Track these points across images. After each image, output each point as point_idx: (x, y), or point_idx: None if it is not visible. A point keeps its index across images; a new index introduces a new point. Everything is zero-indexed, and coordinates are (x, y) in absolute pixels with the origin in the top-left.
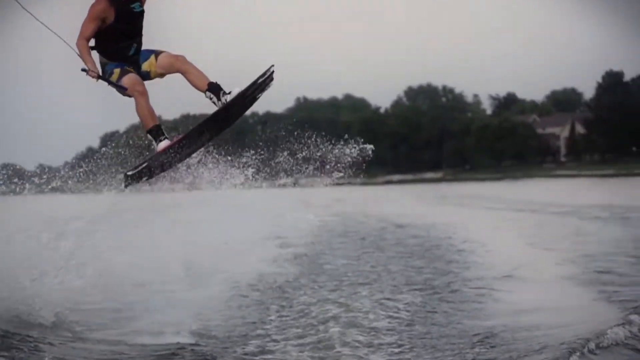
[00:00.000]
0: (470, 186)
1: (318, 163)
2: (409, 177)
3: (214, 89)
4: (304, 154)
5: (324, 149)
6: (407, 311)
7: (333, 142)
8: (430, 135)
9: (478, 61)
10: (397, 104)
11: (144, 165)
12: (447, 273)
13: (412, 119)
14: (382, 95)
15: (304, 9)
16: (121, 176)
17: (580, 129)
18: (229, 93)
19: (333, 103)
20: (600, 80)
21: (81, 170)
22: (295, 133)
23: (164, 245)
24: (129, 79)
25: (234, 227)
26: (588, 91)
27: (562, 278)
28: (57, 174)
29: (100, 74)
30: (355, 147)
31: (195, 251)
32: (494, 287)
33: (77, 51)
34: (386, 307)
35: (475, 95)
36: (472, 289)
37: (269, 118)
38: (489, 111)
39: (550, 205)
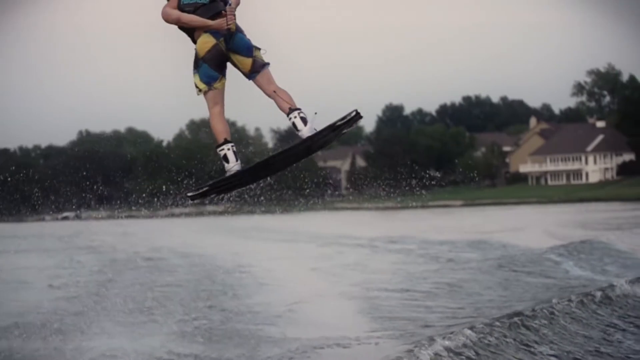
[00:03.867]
0: (252, 219)
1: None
2: (191, 210)
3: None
4: (89, 188)
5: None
6: None
7: (118, 175)
8: (213, 169)
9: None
10: (179, 137)
11: (205, 189)
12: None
13: (194, 152)
14: (164, 128)
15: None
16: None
17: (361, 162)
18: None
19: (116, 136)
20: (380, 113)
21: None
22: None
23: None
24: (211, 96)
25: None
26: (369, 125)
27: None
28: None
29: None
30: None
31: None
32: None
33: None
34: None
35: (257, 129)
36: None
37: (51, 151)
38: (270, 144)
39: (331, 236)
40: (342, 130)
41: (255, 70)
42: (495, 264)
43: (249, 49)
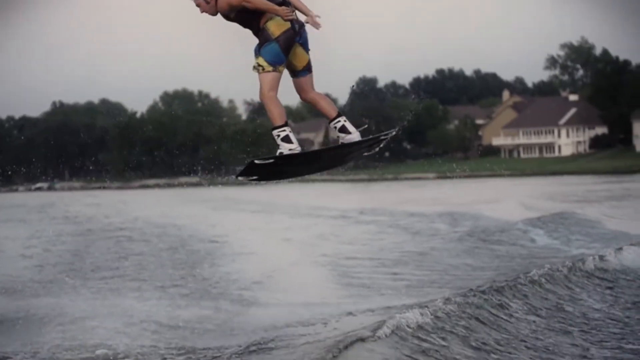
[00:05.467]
0: (226, 190)
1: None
2: (165, 181)
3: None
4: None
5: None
6: None
7: (91, 147)
8: (186, 140)
9: (233, 67)
10: (153, 108)
11: (270, 161)
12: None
13: (167, 124)
14: (138, 100)
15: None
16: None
17: (334, 134)
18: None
19: (89, 108)
20: (354, 86)
21: None
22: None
23: None
24: (272, 77)
25: None
26: (342, 97)
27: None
28: None
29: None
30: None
31: None
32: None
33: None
34: None
35: (231, 101)
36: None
37: (25, 122)
38: (244, 116)
39: (305, 208)
40: (381, 144)
41: (307, 68)
42: (465, 234)
43: (308, 46)
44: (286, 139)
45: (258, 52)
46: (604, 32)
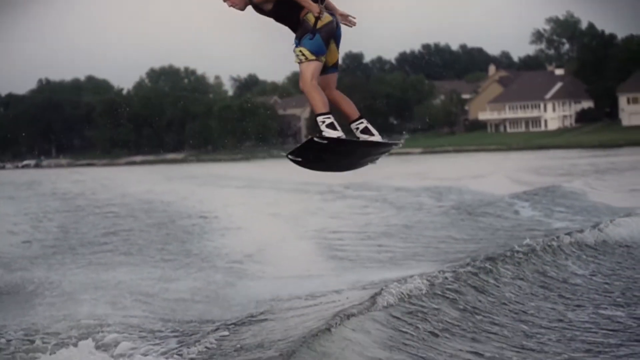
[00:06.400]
0: (213, 167)
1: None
2: (151, 158)
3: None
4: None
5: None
6: None
7: (78, 124)
8: (173, 117)
9: (219, 44)
10: (139, 85)
11: (325, 141)
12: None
13: (154, 101)
14: (124, 77)
15: None
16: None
17: None
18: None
19: (76, 85)
20: (339, 61)
21: None
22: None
23: None
24: (315, 66)
25: None
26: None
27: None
28: None
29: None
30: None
31: None
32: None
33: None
34: None
35: (217, 77)
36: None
37: (11, 99)
38: (230, 92)
39: (292, 183)
40: (389, 151)
41: (336, 65)
42: (450, 208)
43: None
44: (331, 126)
45: (298, 43)
46: (590, 6)
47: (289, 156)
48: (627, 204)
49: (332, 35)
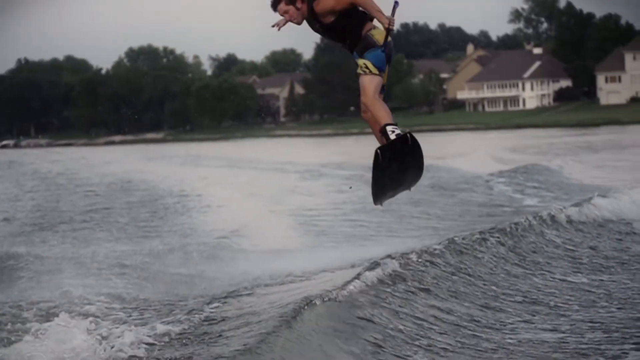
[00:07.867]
0: (192, 146)
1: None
2: (130, 137)
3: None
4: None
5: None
6: None
7: (57, 104)
8: (152, 97)
9: (198, 22)
10: (118, 65)
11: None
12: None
13: (133, 80)
14: (103, 56)
15: None
16: None
17: (299, 89)
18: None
19: (54, 64)
20: (318, 41)
21: None
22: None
23: None
24: (378, 81)
25: None
26: (307, 52)
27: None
28: None
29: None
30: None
31: None
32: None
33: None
34: None
35: (196, 57)
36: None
37: None
38: (209, 72)
39: (271, 162)
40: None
41: (384, 87)
42: (428, 186)
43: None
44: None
45: (360, 56)
46: None
47: (378, 151)
48: (600, 182)
49: (392, 53)
